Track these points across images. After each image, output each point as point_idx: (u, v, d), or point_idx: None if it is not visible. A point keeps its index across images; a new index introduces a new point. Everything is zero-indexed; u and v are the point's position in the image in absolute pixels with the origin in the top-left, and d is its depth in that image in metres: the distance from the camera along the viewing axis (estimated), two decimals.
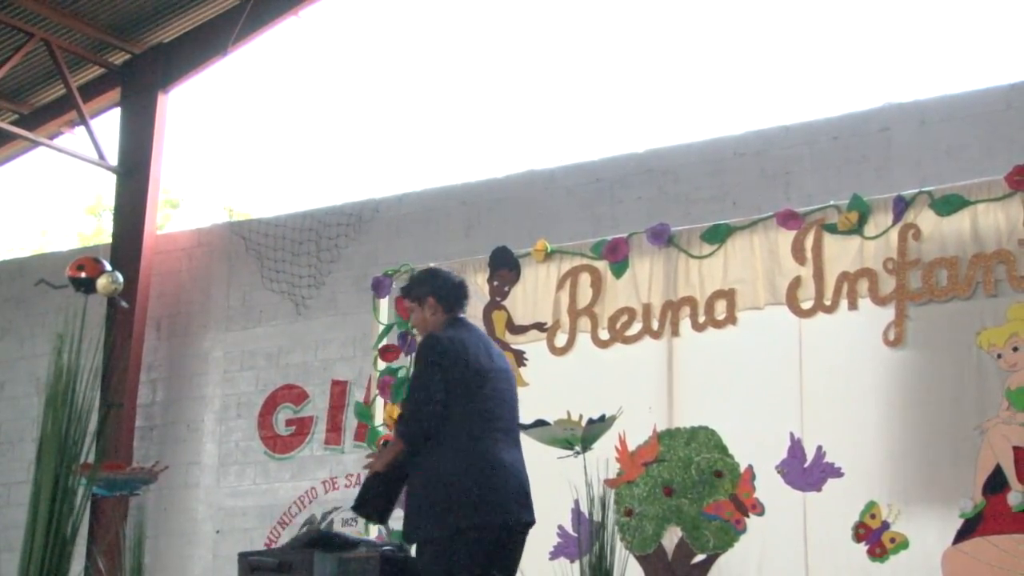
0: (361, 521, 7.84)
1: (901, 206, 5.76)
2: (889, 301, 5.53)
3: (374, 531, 6.80)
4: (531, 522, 4.64)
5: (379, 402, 7.01)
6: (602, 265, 6.55)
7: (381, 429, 6.95)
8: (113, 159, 10.61)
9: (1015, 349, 5.37)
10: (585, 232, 6.99)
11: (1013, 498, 5.23)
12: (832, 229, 5.93)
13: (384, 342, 7.08)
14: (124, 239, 10.31)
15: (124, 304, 8.97)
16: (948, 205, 5.65)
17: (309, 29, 10.86)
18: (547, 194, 8.89)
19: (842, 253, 5.91)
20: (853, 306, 5.81)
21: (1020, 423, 5.29)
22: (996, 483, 5.20)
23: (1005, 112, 7.40)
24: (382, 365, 7.05)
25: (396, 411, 6.90)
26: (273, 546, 8.72)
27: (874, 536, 5.53)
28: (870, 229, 5.85)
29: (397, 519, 6.76)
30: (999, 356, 5.12)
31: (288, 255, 9.75)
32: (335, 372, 9.32)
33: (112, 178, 10.72)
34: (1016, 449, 5.28)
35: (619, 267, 6.49)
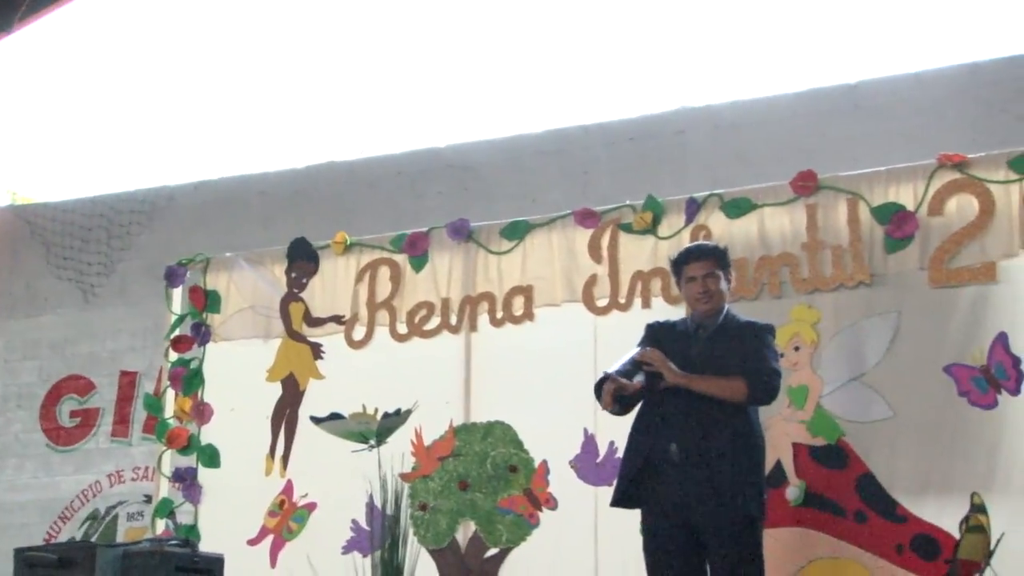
0: (147, 515, 7.65)
1: (693, 208, 5.92)
2: (680, 300, 5.65)
3: (160, 526, 6.65)
4: None
5: (170, 394, 6.84)
6: (401, 259, 6.54)
7: (171, 421, 6.79)
8: None
9: (796, 349, 5.58)
10: (387, 226, 6.97)
11: (791, 492, 5.43)
12: (628, 228, 6.05)
13: (176, 333, 6.92)
14: None
15: None
16: (737, 208, 5.83)
17: (101, 6, 10.51)
18: (348, 187, 8.83)
19: (637, 252, 6.03)
20: (647, 304, 5.93)
21: (799, 420, 5.50)
22: (775, 478, 5.39)
23: (792, 119, 7.69)
24: (174, 356, 6.88)
25: (187, 403, 6.76)
26: (53, 541, 8.44)
27: None
28: (664, 229, 5.98)
29: (187, 512, 6.68)
30: (782, 355, 5.31)
31: (76, 241, 9.44)
32: (124, 363, 9.06)
33: None
34: (795, 445, 5.49)
35: (418, 261, 6.49)
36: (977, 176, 5.42)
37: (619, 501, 4.86)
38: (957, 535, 5.13)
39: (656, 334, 5.01)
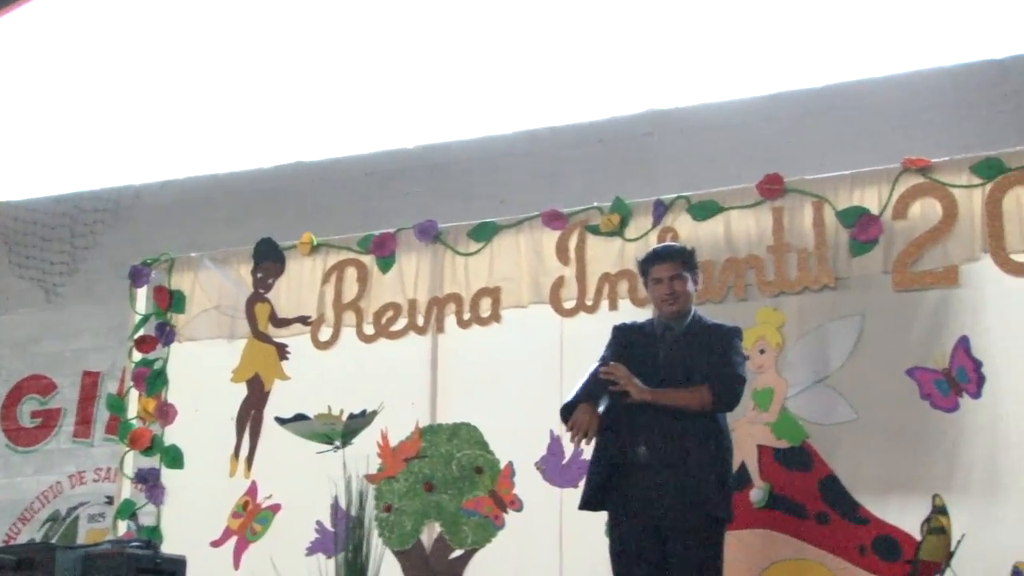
0: (108, 517, 7.59)
1: (660, 210, 5.93)
2: (648, 302, 5.65)
3: (122, 527, 6.60)
4: None
5: (133, 394, 6.80)
6: (369, 260, 6.52)
7: (134, 422, 6.75)
8: None
9: (761, 351, 5.59)
10: (355, 226, 6.95)
11: (755, 495, 5.45)
12: (595, 230, 6.06)
13: (140, 332, 6.88)
14: None
15: None
16: (704, 210, 5.84)
17: (66, 2, 10.40)
18: (316, 186, 8.81)
19: (604, 254, 6.03)
20: (613, 307, 5.94)
21: (764, 422, 5.52)
22: (740, 480, 5.40)
23: (761, 122, 7.71)
24: (138, 356, 6.85)
25: (151, 404, 6.72)
26: (12, 543, 8.37)
27: None
28: (631, 231, 5.99)
29: (149, 514, 6.63)
30: (747, 358, 5.31)
31: (39, 240, 9.37)
32: (88, 363, 9.00)
33: None
34: (759, 447, 5.50)
35: (386, 262, 6.47)
36: (941, 180, 5.45)
37: (587, 504, 4.85)
38: (918, 536, 5.16)
39: (623, 336, 5.01)
